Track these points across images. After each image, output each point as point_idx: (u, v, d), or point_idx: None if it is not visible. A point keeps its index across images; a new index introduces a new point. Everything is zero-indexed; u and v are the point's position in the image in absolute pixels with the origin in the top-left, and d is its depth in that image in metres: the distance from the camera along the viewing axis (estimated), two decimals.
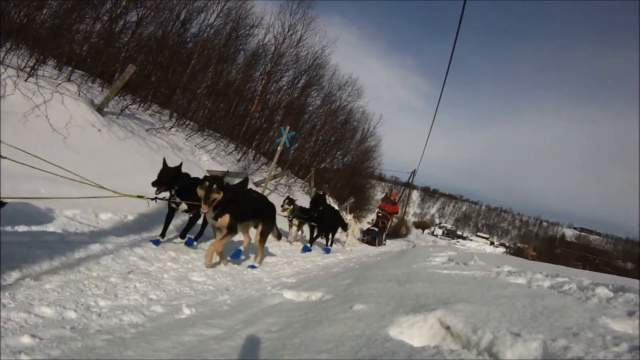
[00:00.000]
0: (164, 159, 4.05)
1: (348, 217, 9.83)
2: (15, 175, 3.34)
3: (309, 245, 6.54)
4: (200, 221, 4.40)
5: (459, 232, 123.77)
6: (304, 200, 11.19)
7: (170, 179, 3.86)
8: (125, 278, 2.57)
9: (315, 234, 6.94)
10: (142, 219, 4.43)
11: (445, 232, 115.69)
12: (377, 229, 13.41)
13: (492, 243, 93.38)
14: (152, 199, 3.75)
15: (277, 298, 2.69)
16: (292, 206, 6.90)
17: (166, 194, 3.93)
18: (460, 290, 2.42)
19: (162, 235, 3.89)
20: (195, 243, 4.17)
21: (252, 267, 4.04)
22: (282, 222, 6.59)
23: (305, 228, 7.46)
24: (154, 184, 3.77)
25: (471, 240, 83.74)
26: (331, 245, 7.44)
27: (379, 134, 26.63)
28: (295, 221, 7.07)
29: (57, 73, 6.34)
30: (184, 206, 3.94)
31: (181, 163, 4.11)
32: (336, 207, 17.64)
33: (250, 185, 10.37)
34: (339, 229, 9.02)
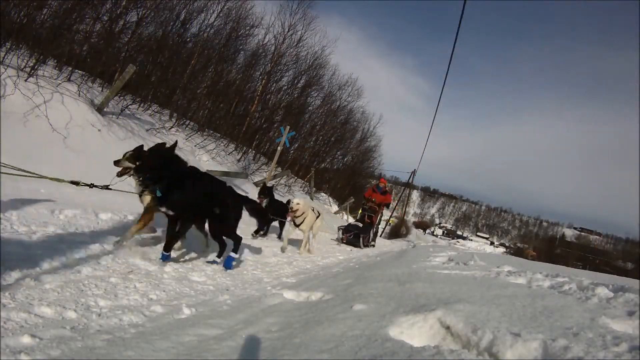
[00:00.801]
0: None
1: (295, 203, 5.48)
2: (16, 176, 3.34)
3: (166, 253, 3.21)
4: None
5: (459, 232, 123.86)
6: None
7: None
8: (125, 278, 2.57)
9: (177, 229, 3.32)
10: None
11: (445, 232, 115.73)
12: (360, 225, 10.27)
13: (492, 243, 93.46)
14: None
15: (277, 298, 2.69)
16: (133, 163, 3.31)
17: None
18: (460, 290, 2.42)
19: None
20: None
21: None
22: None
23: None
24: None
25: (471, 240, 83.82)
26: (234, 251, 3.63)
27: (379, 134, 26.75)
28: (147, 198, 3.40)
29: (57, 73, 6.35)
30: None
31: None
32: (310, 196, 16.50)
33: (250, 186, 10.22)
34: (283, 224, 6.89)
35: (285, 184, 13.80)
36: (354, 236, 9.72)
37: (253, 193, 10.27)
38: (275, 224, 7.02)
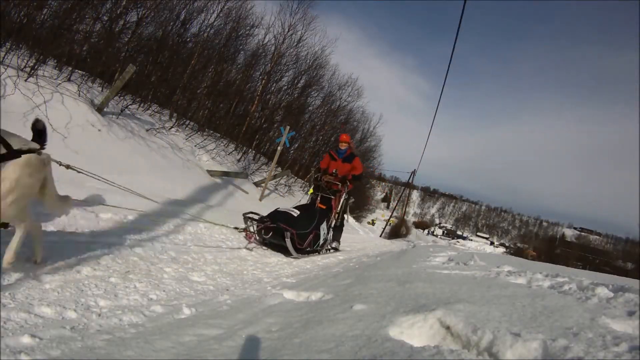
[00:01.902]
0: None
1: None
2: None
3: None
4: None
5: (459, 232, 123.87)
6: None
7: None
8: (125, 278, 2.57)
9: None
10: (143, 219, 4.43)
11: (445, 232, 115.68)
12: (295, 214, 5.19)
13: (492, 243, 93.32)
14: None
15: (277, 298, 2.69)
16: None
17: None
18: (460, 290, 2.41)
19: None
20: None
21: None
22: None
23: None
24: None
25: (471, 240, 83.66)
26: None
27: (379, 134, 26.78)
28: None
29: (57, 73, 6.35)
30: None
31: None
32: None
33: (250, 186, 10.20)
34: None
35: (285, 184, 13.78)
36: (274, 233, 4.90)
37: (253, 193, 10.27)
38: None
